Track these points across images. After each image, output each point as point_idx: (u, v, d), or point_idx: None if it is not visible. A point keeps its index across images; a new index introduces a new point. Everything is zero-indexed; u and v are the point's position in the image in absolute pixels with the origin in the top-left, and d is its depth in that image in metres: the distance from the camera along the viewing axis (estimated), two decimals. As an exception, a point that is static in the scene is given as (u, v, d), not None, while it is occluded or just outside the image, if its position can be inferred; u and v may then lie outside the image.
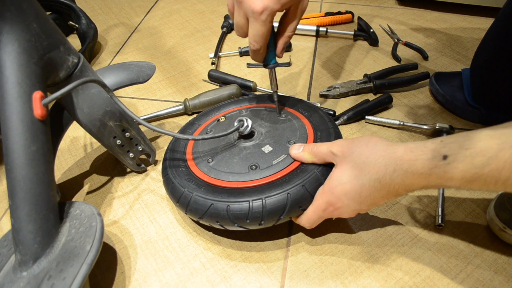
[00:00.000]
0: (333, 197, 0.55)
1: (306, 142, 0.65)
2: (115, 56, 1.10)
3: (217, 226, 0.60)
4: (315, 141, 0.65)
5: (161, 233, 0.68)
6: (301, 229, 0.67)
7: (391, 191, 0.51)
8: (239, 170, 0.63)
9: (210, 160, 0.66)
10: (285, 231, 0.67)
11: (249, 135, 0.68)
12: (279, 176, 0.60)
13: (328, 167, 0.60)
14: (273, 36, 0.64)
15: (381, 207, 0.69)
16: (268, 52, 0.65)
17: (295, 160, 0.62)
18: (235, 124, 0.67)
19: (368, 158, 0.52)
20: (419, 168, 0.47)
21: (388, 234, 0.66)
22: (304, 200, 0.58)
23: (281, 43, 0.65)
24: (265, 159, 0.63)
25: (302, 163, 0.62)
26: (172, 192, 0.64)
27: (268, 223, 0.58)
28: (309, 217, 0.59)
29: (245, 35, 0.62)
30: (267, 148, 0.65)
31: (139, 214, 0.71)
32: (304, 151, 0.61)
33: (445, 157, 0.45)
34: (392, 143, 0.52)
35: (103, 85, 0.61)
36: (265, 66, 0.67)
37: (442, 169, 0.45)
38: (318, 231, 0.67)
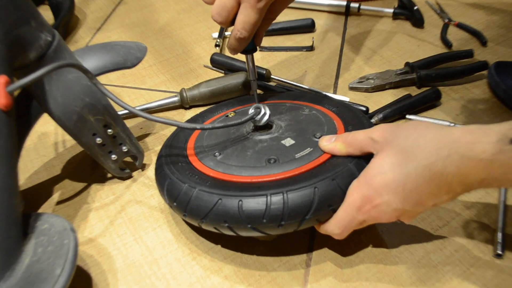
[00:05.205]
0: (370, 190, 0.55)
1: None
2: (95, 34, 1.11)
3: (224, 229, 0.60)
4: None
5: (148, 255, 0.68)
6: (325, 243, 0.67)
7: (442, 185, 0.51)
8: (254, 163, 0.63)
9: (217, 154, 0.67)
10: (304, 255, 0.67)
11: (266, 127, 0.69)
12: (304, 170, 0.61)
13: (365, 160, 0.59)
14: None
15: (425, 228, 0.69)
16: None
17: (324, 153, 0.63)
18: (250, 111, 0.68)
19: (417, 141, 0.52)
20: (480, 152, 0.48)
21: (433, 264, 0.65)
22: (335, 197, 0.58)
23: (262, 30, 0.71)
24: (286, 153, 0.64)
25: (333, 156, 0.62)
26: (168, 189, 0.64)
27: (290, 226, 0.58)
28: (339, 219, 0.58)
29: (227, 22, 0.65)
30: (289, 141, 0.66)
31: (122, 231, 0.72)
32: (337, 141, 0.61)
33: None
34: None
35: (85, 71, 0.61)
36: (244, 52, 0.72)
37: (508, 154, 0.46)
38: (347, 247, 0.67)
